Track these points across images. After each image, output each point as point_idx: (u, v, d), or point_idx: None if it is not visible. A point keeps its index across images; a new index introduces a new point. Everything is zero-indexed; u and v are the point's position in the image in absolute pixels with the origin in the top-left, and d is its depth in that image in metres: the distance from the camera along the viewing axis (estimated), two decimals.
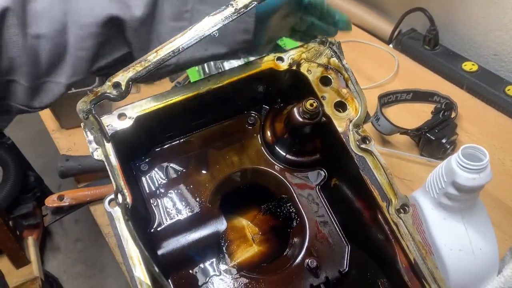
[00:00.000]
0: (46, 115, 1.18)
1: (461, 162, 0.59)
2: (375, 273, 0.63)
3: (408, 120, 1.06)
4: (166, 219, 0.67)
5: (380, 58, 1.30)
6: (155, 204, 0.68)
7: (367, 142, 0.61)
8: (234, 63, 1.14)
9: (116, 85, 0.51)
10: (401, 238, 0.57)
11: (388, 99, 1.12)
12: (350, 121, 0.62)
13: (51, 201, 0.93)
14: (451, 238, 0.63)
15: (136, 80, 0.52)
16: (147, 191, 0.68)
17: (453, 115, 1.05)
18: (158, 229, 0.66)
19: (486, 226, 0.64)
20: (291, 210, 0.75)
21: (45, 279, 1.79)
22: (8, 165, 1.69)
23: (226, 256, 0.70)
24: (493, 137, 1.06)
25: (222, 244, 0.69)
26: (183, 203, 0.68)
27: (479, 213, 0.65)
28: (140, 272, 0.52)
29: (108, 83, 0.51)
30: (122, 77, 0.51)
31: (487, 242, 0.63)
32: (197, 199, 0.68)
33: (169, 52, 0.52)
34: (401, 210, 0.57)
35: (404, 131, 0.99)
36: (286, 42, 0.99)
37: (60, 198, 0.93)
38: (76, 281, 2.13)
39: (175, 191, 0.69)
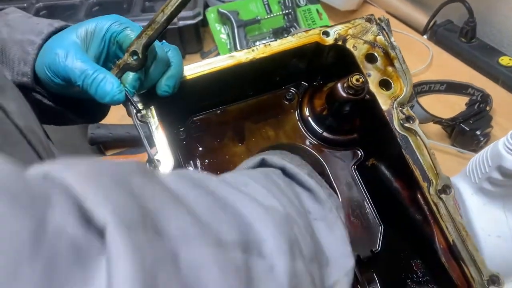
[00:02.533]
0: None
1: (510, 145, 0.59)
2: (408, 254, 0.64)
3: (441, 111, 1.06)
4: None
5: (414, 49, 1.29)
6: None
7: (411, 122, 0.62)
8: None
9: (134, 54, 0.53)
10: (440, 219, 0.58)
11: (421, 88, 1.12)
12: (395, 99, 0.63)
13: None
14: (490, 224, 0.64)
15: (150, 44, 0.53)
16: (184, 159, 0.70)
17: (488, 108, 1.05)
18: None
19: None
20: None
21: None
22: None
23: None
24: None
25: None
26: (218, 173, 0.69)
27: None
28: None
29: (126, 54, 0.53)
30: (137, 44, 0.52)
31: None
32: (232, 170, 0.70)
33: (175, 8, 0.52)
34: (443, 191, 0.58)
35: (438, 120, 1.00)
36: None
37: None
38: None
39: (211, 160, 0.70)
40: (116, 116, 1.07)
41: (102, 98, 0.52)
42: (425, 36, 1.37)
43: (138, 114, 0.59)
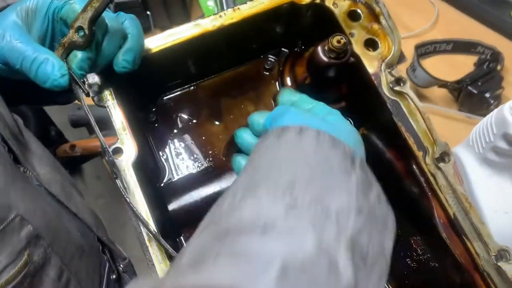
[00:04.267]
0: None
1: None
2: (407, 231, 0.60)
3: (448, 73, 1.00)
4: (177, 173, 0.65)
5: (417, 4, 1.22)
6: (164, 157, 0.66)
7: (402, 84, 0.57)
8: None
9: (79, 30, 0.48)
10: (438, 190, 0.53)
11: (425, 49, 1.05)
12: (383, 61, 0.58)
13: (63, 151, 0.93)
14: (497, 198, 0.59)
15: (96, 18, 0.48)
16: (156, 143, 0.66)
17: (499, 67, 0.98)
18: (169, 183, 0.64)
19: None
20: None
21: None
22: (28, 118, 1.73)
23: None
24: None
25: None
26: (195, 156, 0.66)
27: None
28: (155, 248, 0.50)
29: (71, 31, 0.48)
30: (82, 19, 0.47)
31: None
32: (210, 152, 0.66)
33: None
34: (441, 159, 0.53)
35: (443, 84, 0.94)
36: None
37: (72, 148, 0.93)
38: None
39: (186, 143, 0.66)
40: None
41: (43, 83, 0.48)
42: None
43: (95, 98, 0.55)
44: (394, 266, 0.60)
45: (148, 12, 1.19)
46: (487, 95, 0.90)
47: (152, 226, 0.48)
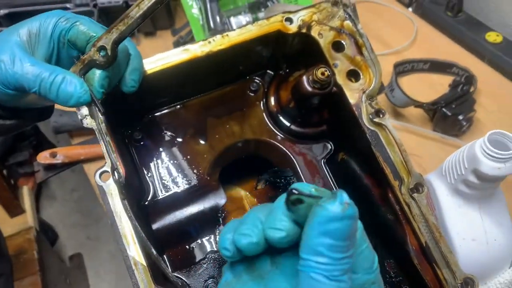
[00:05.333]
0: None
1: (487, 149, 0.58)
2: (381, 254, 0.63)
3: (423, 92, 1.04)
4: (161, 191, 0.66)
5: (397, 23, 1.26)
6: (149, 175, 0.67)
7: (381, 116, 0.60)
8: (242, 19, 1.11)
9: (102, 49, 0.49)
10: (412, 219, 0.56)
11: (403, 68, 1.09)
12: (363, 92, 0.60)
13: (44, 158, 0.92)
14: (465, 227, 0.63)
15: (121, 41, 0.50)
16: (141, 161, 0.67)
17: (472, 89, 1.03)
18: (153, 201, 0.65)
19: (503, 217, 0.63)
20: (290, 182, 0.74)
21: (41, 227, 1.84)
22: None
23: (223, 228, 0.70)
24: None
25: (219, 215, 0.68)
26: (180, 175, 0.67)
27: (498, 203, 0.64)
28: (134, 251, 0.52)
29: (93, 49, 0.49)
30: (106, 39, 0.49)
31: (502, 233, 0.63)
32: (195, 171, 0.68)
33: (153, 3, 0.50)
34: (415, 190, 0.57)
35: (419, 105, 0.98)
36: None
37: (53, 155, 0.93)
38: (72, 230, 2.21)
39: (171, 161, 0.68)
40: None
41: (66, 102, 0.48)
42: (410, 9, 1.34)
43: (83, 120, 0.56)
44: None
45: None
46: (460, 117, 0.95)
47: (153, 251, 0.49)
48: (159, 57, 0.60)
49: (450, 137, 0.97)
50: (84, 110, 0.56)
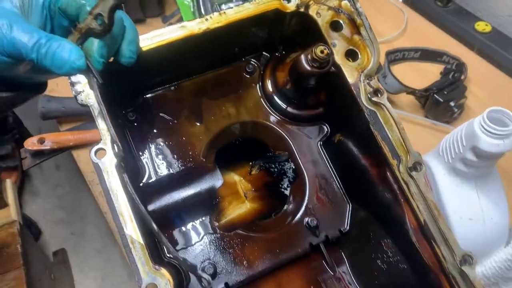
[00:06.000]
0: None
1: (486, 126, 0.58)
2: (378, 233, 0.63)
3: (415, 80, 1.05)
4: (156, 173, 0.65)
5: (388, 12, 1.27)
6: (144, 157, 0.66)
7: (379, 95, 0.60)
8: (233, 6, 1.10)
9: (99, 17, 0.47)
10: (411, 198, 0.56)
11: (395, 56, 1.10)
12: (362, 71, 0.60)
13: (31, 144, 0.89)
14: (462, 206, 0.63)
15: (118, 7, 0.48)
16: (135, 143, 0.66)
17: (462, 77, 1.04)
18: (148, 183, 0.64)
19: (499, 196, 0.64)
20: (285, 167, 0.74)
21: (24, 222, 1.80)
22: None
23: (217, 212, 0.69)
24: (501, 103, 1.05)
25: (215, 198, 0.68)
26: (175, 157, 0.66)
27: (494, 182, 0.64)
28: (131, 229, 0.50)
29: (89, 17, 0.47)
30: (103, 7, 0.47)
31: (499, 212, 0.63)
32: (190, 153, 0.67)
33: None
34: (413, 168, 0.57)
35: (412, 91, 0.98)
36: None
37: (41, 141, 0.90)
38: (55, 226, 2.17)
39: (166, 143, 0.67)
40: (69, 89, 1.02)
41: (60, 68, 0.46)
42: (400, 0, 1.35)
43: (78, 97, 0.55)
44: (364, 266, 0.64)
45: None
46: (452, 103, 0.96)
47: (154, 225, 0.48)
48: (156, 33, 0.59)
49: (441, 123, 0.98)
50: (79, 86, 0.55)
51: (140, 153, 0.66)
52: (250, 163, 0.79)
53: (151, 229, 0.49)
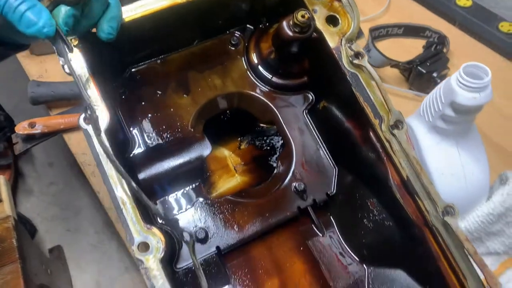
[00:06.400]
0: None
1: (462, 80, 0.60)
2: (364, 194, 0.64)
3: (399, 55, 1.06)
4: (145, 144, 0.66)
5: None
6: (133, 129, 0.67)
7: (360, 58, 0.61)
8: None
9: None
10: (393, 155, 0.58)
11: (379, 32, 1.11)
12: (343, 36, 0.62)
13: (22, 128, 0.90)
14: (444, 162, 0.65)
15: None
16: (124, 115, 0.67)
17: (444, 50, 1.06)
18: (138, 154, 0.65)
19: (479, 152, 0.66)
20: (273, 141, 0.76)
21: (18, 219, 1.80)
22: None
23: (208, 186, 0.71)
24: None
25: (204, 174, 0.69)
26: (164, 127, 0.67)
27: (473, 139, 0.66)
28: (121, 191, 0.52)
29: None
30: None
31: (479, 167, 0.65)
32: (179, 124, 0.68)
33: None
34: (395, 127, 0.58)
35: (395, 64, 1.00)
36: None
37: (32, 125, 0.90)
38: (50, 223, 2.17)
39: (155, 115, 0.68)
40: (58, 74, 1.03)
41: (27, 27, 0.46)
42: None
43: (65, 66, 0.55)
44: (352, 227, 0.66)
45: None
46: (435, 74, 0.98)
47: (133, 183, 0.49)
48: (139, 4, 0.60)
49: (425, 94, 0.99)
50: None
51: (130, 125, 0.67)
52: (239, 139, 0.81)
53: (134, 192, 0.50)
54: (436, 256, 0.56)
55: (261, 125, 0.80)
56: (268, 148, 0.79)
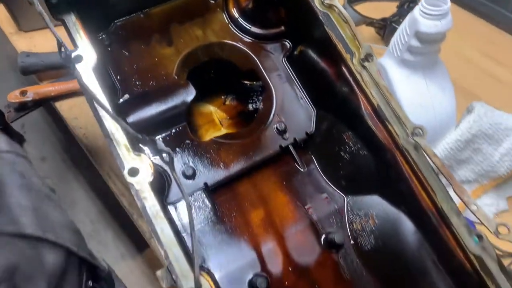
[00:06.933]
0: (3, 16, 1.15)
1: (424, 8, 0.64)
2: (340, 129, 0.68)
3: (374, 15, 1.10)
4: (133, 91, 0.69)
5: None
6: (120, 77, 0.70)
7: None
8: None
9: None
10: (365, 86, 0.62)
11: None
12: None
13: (14, 97, 0.92)
14: (413, 94, 0.69)
15: None
16: (111, 65, 0.70)
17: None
18: (126, 100, 0.68)
19: (445, 82, 0.70)
20: (256, 97, 0.79)
21: None
22: None
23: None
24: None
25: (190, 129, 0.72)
26: (149, 76, 0.70)
27: (439, 70, 0.70)
28: (110, 122, 0.55)
29: None
30: None
31: (446, 97, 0.69)
32: (163, 72, 0.71)
33: None
34: (365, 60, 0.62)
35: (370, 21, 1.04)
36: None
37: (23, 93, 0.93)
38: None
39: (140, 64, 0.71)
40: (47, 50, 1.05)
41: None
42: None
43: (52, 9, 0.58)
44: (331, 161, 0.70)
45: None
46: None
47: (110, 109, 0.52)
48: None
49: None
50: None
51: (116, 74, 0.70)
52: (224, 96, 0.84)
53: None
54: (408, 176, 0.60)
55: (245, 82, 0.83)
56: (252, 103, 0.83)
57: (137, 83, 0.70)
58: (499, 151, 0.67)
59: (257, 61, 0.74)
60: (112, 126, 0.55)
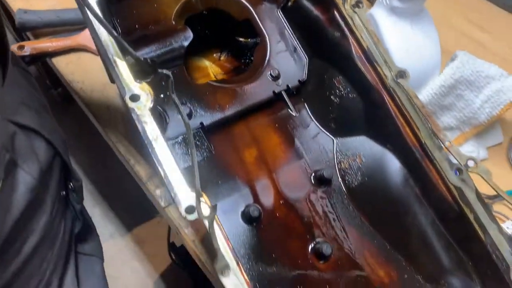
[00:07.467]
0: None
1: None
2: (331, 74, 0.71)
3: None
4: (132, 34, 0.71)
5: None
6: (120, 20, 0.72)
7: None
8: None
9: None
10: (355, 29, 0.65)
11: None
12: None
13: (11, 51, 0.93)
14: (400, 40, 0.72)
15: None
16: (113, 8, 0.72)
17: None
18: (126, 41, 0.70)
19: (430, 30, 0.73)
20: (251, 55, 0.82)
21: None
22: None
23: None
24: None
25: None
26: (149, 21, 0.72)
27: (425, 18, 0.74)
28: (113, 50, 0.57)
29: None
30: None
31: (431, 43, 0.73)
32: (162, 17, 0.73)
33: None
34: (356, 5, 0.65)
35: None
36: None
37: (21, 47, 0.94)
38: None
39: (140, 9, 0.73)
40: (43, 5, 1.06)
41: None
42: None
43: None
44: (321, 106, 0.73)
45: None
46: None
47: (112, 29, 0.54)
48: None
49: None
50: None
51: (117, 17, 0.72)
52: (219, 53, 0.87)
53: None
54: (394, 114, 0.64)
55: (240, 39, 0.86)
56: (246, 59, 0.85)
57: (137, 26, 0.72)
58: (480, 98, 0.71)
59: (253, 11, 0.77)
60: (115, 54, 0.57)
